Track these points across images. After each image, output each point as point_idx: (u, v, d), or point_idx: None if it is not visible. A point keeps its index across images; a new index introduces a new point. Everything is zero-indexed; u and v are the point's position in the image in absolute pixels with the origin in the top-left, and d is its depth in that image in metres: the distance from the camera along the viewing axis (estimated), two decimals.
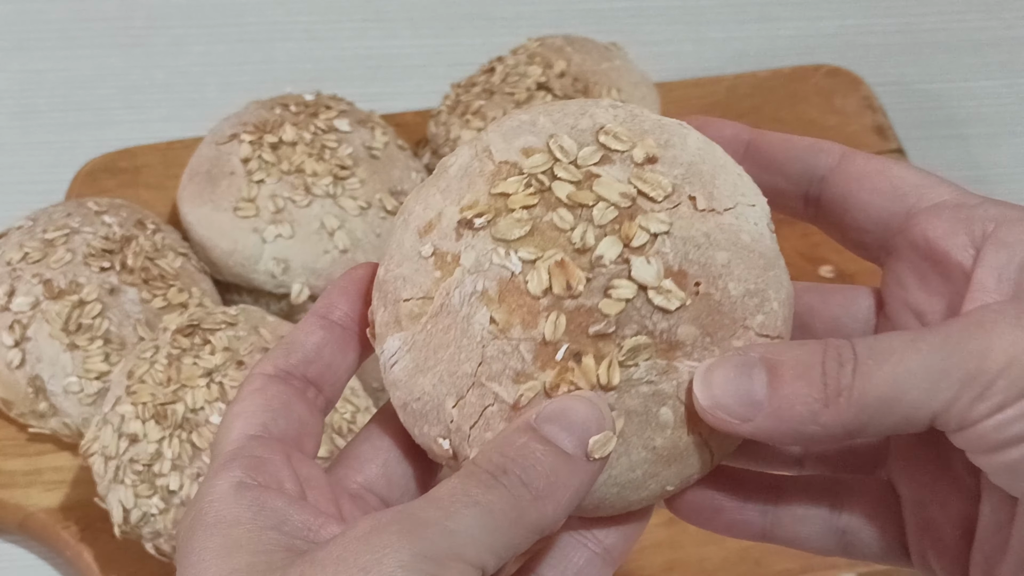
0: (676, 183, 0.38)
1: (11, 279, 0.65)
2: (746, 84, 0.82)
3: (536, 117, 0.40)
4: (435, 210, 0.39)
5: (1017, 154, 0.84)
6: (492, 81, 0.73)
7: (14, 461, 0.66)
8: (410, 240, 0.39)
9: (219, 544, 0.36)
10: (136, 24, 0.89)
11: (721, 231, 0.38)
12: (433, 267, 0.38)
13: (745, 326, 0.38)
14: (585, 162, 0.38)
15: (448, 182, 0.40)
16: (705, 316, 0.38)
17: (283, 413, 0.39)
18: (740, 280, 0.38)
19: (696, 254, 0.38)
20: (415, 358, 0.38)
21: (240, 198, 0.68)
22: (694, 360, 0.38)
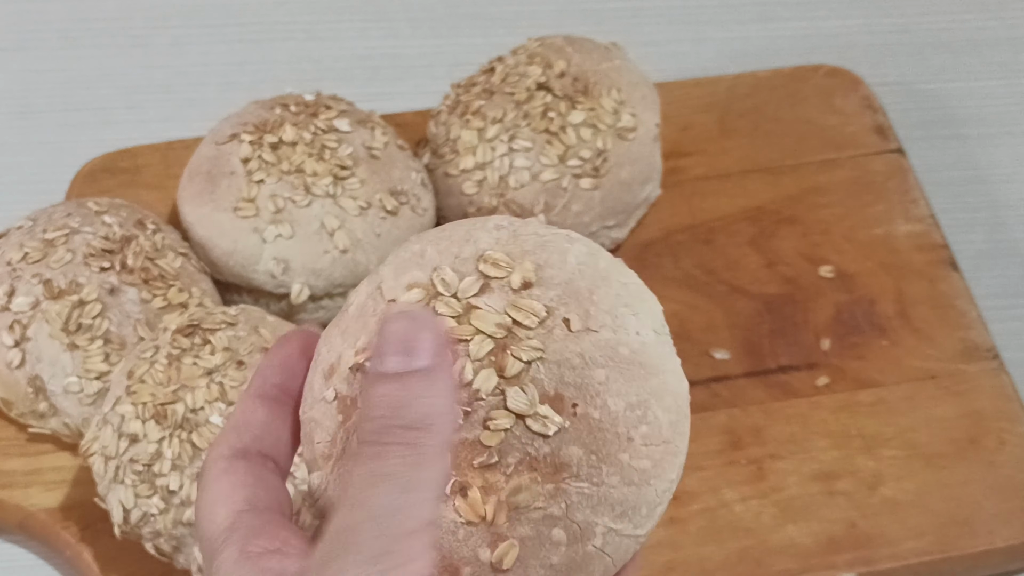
0: (551, 306, 0.39)
1: (11, 279, 0.65)
2: (746, 84, 0.82)
3: (425, 247, 0.41)
4: (336, 353, 0.40)
5: (1017, 154, 0.84)
6: (492, 81, 0.73)
7: (14, 461, 0.66)
8: (318, 383, 0.41)
9: None
10: (136, 24, 0.89)
11: (597, 348, 0.39)
12: (336, 411, 0.40)
13: (629, 438, 0.39)
14: (465, 294, 0.39)
15: (347, 323, 0.41)
16: (587, 436, 0.38)
17: (260, 486, 0.40)
18: (619, 395, 0.39)
19: (572, 376, 0.38)
20: (329, 499, 0.40)
21: (240, 198, 0.68)
22: (582, 481, 0.38)
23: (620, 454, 0.39)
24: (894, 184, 0.78)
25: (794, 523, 0.64)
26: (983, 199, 0.82)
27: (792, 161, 0.79)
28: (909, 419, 0.68)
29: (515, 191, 0.70)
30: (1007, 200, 0.82)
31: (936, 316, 0.72)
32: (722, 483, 0.65)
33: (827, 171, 0.78)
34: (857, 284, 0.73)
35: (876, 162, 0.79)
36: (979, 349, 0.71)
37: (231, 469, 0.40)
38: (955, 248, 0.76)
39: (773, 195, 0.77)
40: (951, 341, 0.71)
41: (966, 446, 0.67)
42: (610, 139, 0.71)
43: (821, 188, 0.78)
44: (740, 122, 0.81)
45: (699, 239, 0.75)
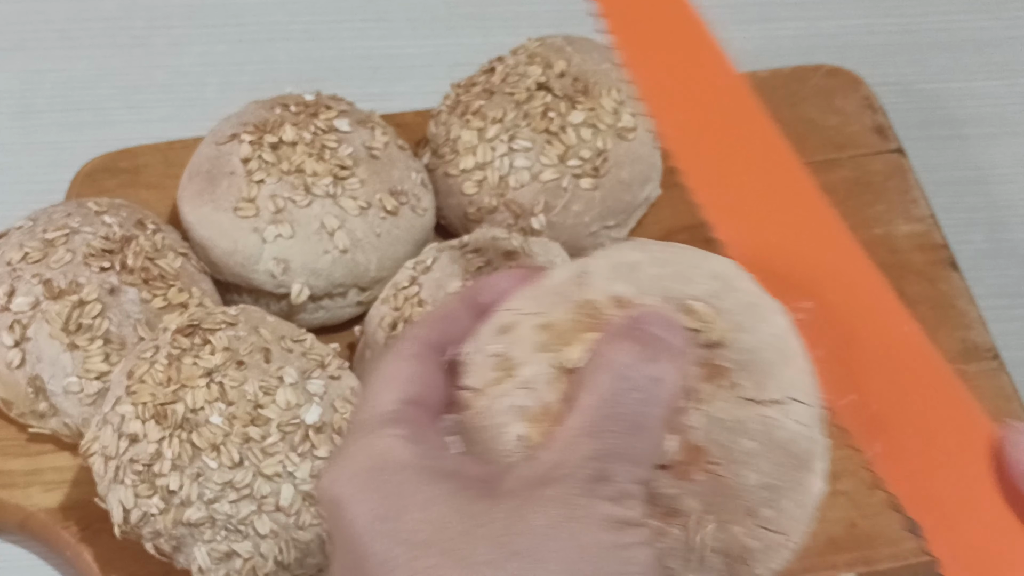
0: (730, 368, 0.39)
1: (11, 279, 0.65)
2: None
3: (643, 262, 0.41)
4: (518, 315, 0.41)
5: (1017, 154, 0.84)
6: (492, 81, 0.73)
7: (14, 461, 0.66)
8: (486, 335, 0.42)
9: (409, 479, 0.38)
10: (136, 24, 0.89)
11: (756, 421, 0.39)
12: (493, 367, 0.41)
13: (751, 515, 0.39)
14: None
15: (540, 293, 0.42)
16: (710, 495, 0.38)
17: (436, 387, 0.41)
18: (759, 472, 0.39)
19: (722, 436, 0.39)
20: (455, 442, 0.41)
21: (240, 198, 0.68)
22: (687, 531, 0.38)
23: (735, 525, 0.39)
24: (894, 184, 0.78)
25: None
26: (983, 199, 0.82)
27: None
28: None
29: (515, 191, 0.70)
30: (1007, 200, 0.82)
31: (936, 316, 0.72)
32: None
33: (827, 171, 0.78)
34: None
35: (876, 162, 0.79)
36: (979, 349, 0.71)
37: (422, 356, 0.41)
38: (955, 248, 0.76)
39: None
40: (951, 341, 0.71)
41: None
42: (610, 139, 0.71)
43: (821, 188, 0.77)
44: None
45: (699, 239, 0.75)
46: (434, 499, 0.37)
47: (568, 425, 0.38)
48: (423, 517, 0.37)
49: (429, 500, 0.37)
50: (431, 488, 0.38)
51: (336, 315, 0.71)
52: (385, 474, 0.38)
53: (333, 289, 0.69)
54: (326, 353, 0.63)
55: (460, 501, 0.37)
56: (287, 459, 0.58)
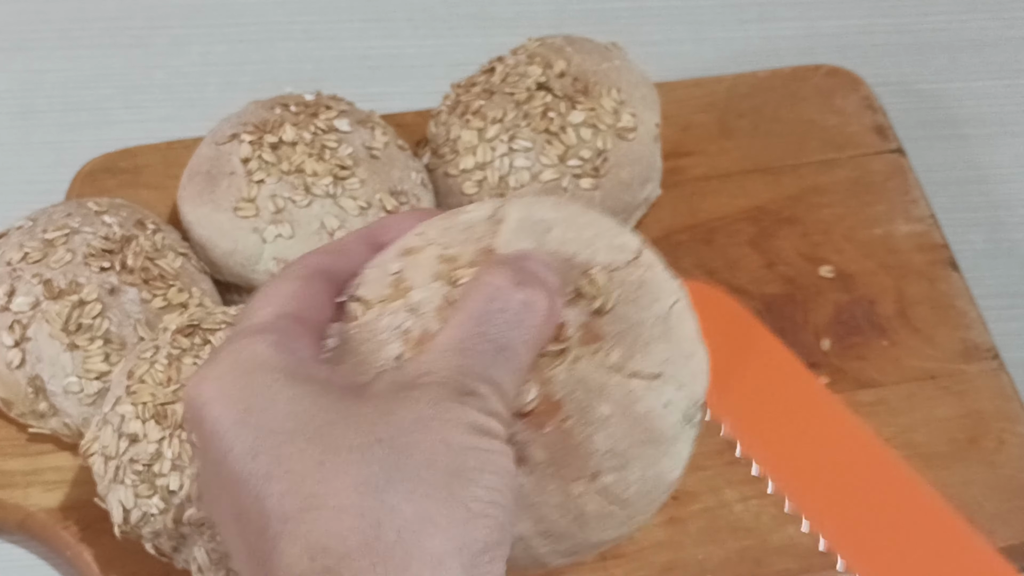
0: (607, 335, 0.40)
1: (11, 279, 0.65)
2: (746, 84, 0.82)
3: (553, 224, 0.42)
4: (424, 240, 0.42)
5: (1017, 154, 0.84)
6: (492, 81, 0.73)
7: (14, 461, 0.66)
8: (392, 252, 0.42)
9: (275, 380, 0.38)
10: (136, 24, 0.89)
11: (619, 389, 0.40)
12: (388, 285, 0.41)
13: (592, 477, 0.39)
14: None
15: (451, 224, 0.42)
16: (557, 449, 0.39)
17: (317, 308, 0.42)
18: (610, 438, 0.39)
19: (581, 395, 0.39)
20: (334, 353, 0.41)
21: (240, 198, 0.68)
22: (530, 478, 0.39)
23: (573, 484, 0.39)
24: (894, 184, 0.78)
25: (794, 523, 0.64)
26: (983, 199, 0.82)
27: (792, 161, 0.79)
28: (909, 419, 0.68)
29: (515, 191, 0.70)
30: (1007, 200, 0.82)
31: (936, 316, 0.72)
32: (722, 483, 0.65)
33: (827, 171, 0.78)
34: (857, 284, 0.73)
35: (876, 162, 0.79)
36: (979, 349, 0.71)
37: (309, 279, 0.42)
38: (955, 248, 0.76)
39: (773, 195, 0.77)
40: (951, 341, 0.71)
41: (966, 446, 0.67)
42: (610, 139, 0.71)
43: (821, 188, 0.77)
44: (740, 122, 0.81)
45: (699, 239, 0.75)
46: (301, 396, 0.38)
47: (439, 339, 0.39)
48: (289, 410, 0.37)
49: (296, 397, 0.38)
50: (298, 387, 0.38)
51: None
52: (251, 374, 0.39)
53: None
54: None
55: (327, 399, 0.38)
56: None
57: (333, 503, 0.36)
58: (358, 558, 0.35)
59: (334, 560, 0.35)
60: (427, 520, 0.36)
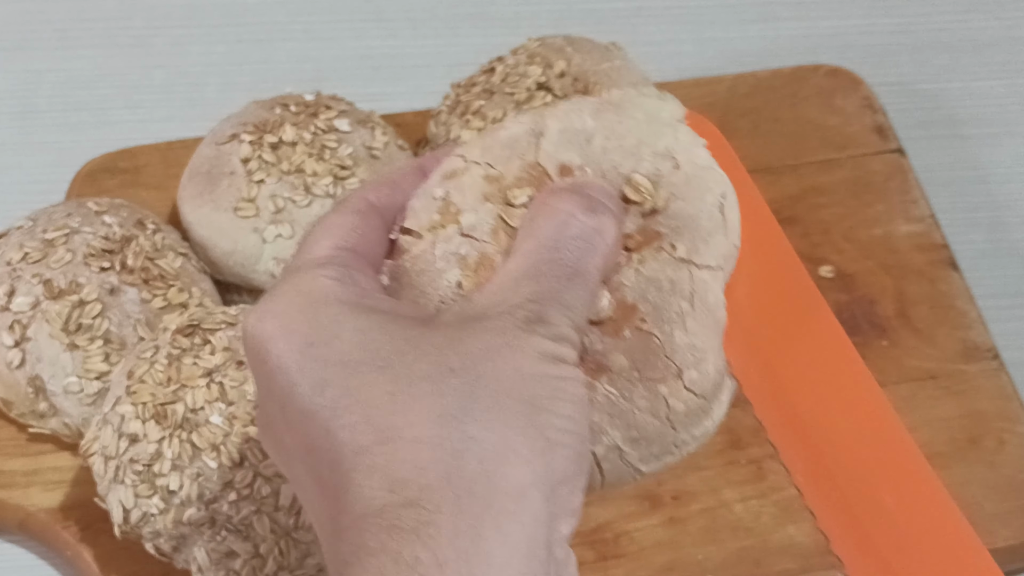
0: (666, 232, 0.40)
1: (11, 279, 0.65)
2: (746, 84, 0.82)
3: (595, 133, 0.41)
4: (468, 163, 0.42)
5: (1017, 154, 0.84)
6: (492, 81, 0.73)
7: (14, 461, 0.66)
8: (435, 179, 0.42)
9: (340, 312, 0.37)
10: (136, 24, 0.89)
11: (688, 282, 0.40)
12: (435, 210, 0.41)
13: (677, 375, 0.39)
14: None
15: (492, 144, 0.42)
16: (639, 352, 0.39)
17: (374, 242, 0.41)
18: (689, 332, 0.39)
19: (653, 294, 0.39)
20: (390, 287, 0.41)
21: (240, 198, 0.68)
22: (614, 388, 0.39)
23: (660, 384, 0.39)
24: (894, 184, 0.78)
25: (794, 523, 0.64)
26: (983, 199, 0.82)
27: (792, 161, 0.79)
28: (909, 419, 0.68)
29: None
30: (1007, 200, 0.82)
31: (936, 316, 0.72)
32: (722, 483, 0.65)
33: (827, 171, 0.78)
34: (857, 284, 0.73)
35: (876, 162, 0.79)
36: (979, 349, 0.71)
37: (365, 213, 0.41)
38: (955, 248, 0.76)
39: (773, 195, 0.77)
40: (951, 341, 0.71)
41: (966, 446, 0.67)
42: None
43: (821, 188, 0.77)
44: (740, 122, 0.81)
45: None
46: (367, 327, 0.37)
47: (507, 268, 0.39)
48: (356, 340, 0.37)
49: (361, 328, 0.37)
50: (363, 319, 0.37)
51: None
52: (314, 307, 0.38)
53: None
54: None
55: (395, 328, 0.37)
56: None
57: (409, 434, 0.35)
58: (440, 489, 0.34)
59: (415, 492, 0.34)
60: (508, 450, 0.35)
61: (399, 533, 0.34)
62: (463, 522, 0.34)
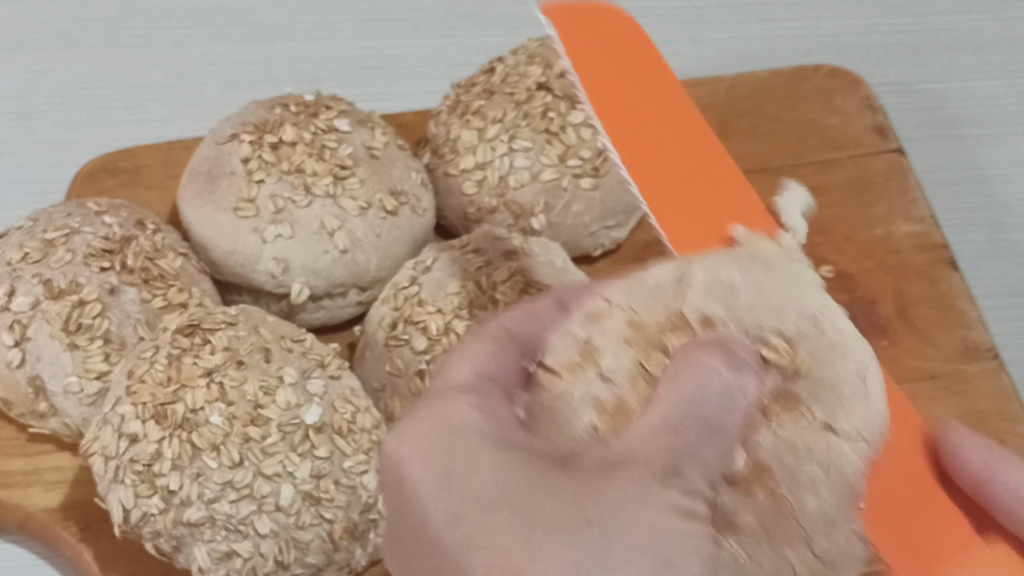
0: (805, 397, 0.40)
1: (11, 279, 0.65)
2: (746, 84, 0.82)
3: (740, 287, 0.41)
4: (611, 307, 0.42)
5: (1017, 154, 0.84)
6: (492, 81, 0.73)
7: (14, 461, 0.66)
8: (577, 319, 0.42)
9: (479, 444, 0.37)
10: (136, 24, 0.89)
11: (824, 450, 0.39)
12: (576, 352, 0.41)
13: (807, 542, 0.39)
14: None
15: (637, 289, 0.42)
16: (769, 515, 0.39)
17: (511, 372, 0.41)
18: (821, 500, 0.39)
19: (788, 458, 0.39)
20: (525, 422, 0.41)
21: (240, 198, 0.68)
22: (740, 547, 0.39)
23: (788, 549, 0.39)
24: (894, 184, 0.78)
25: None
26: (983, 199, 0.82)
27: (792, 161, 0.79)
28: None
29: (515, 191, 0.70)
30: (1007, 200, 0.82)
31: (936, 316, 0.72)
32: None
33: (827, 171, 0.78)
34: (857, 284, 0.73)
35: (876, 162, 0.79)
36: (979, 349, 0.71)
37: (502, 340, 0.42)
38: (955, 248, 0.76)
39: (773, 195, 0.77)
40: (951, 341, 0.71)
41: None
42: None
43: (821, 188, 0.77)
44: (740, 122, 0.81)
45: None
46: (505, 464, 0.37)
47: (648, 417, 0.39)
48: (494, 477, 0.37)
49: (499, 464, 0.37)
50: (502, 454, 0.37)
51: (336, 315, 0.71)
52: (454, 436, 0.38)
53: (333, 289, 0.69)
54: (326, 353, 0.63)
55: (532, 469, 0.37)
56: (287, 459, 0.58)
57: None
58: None
59: None
60: None
61: None
62: None
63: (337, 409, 0.60)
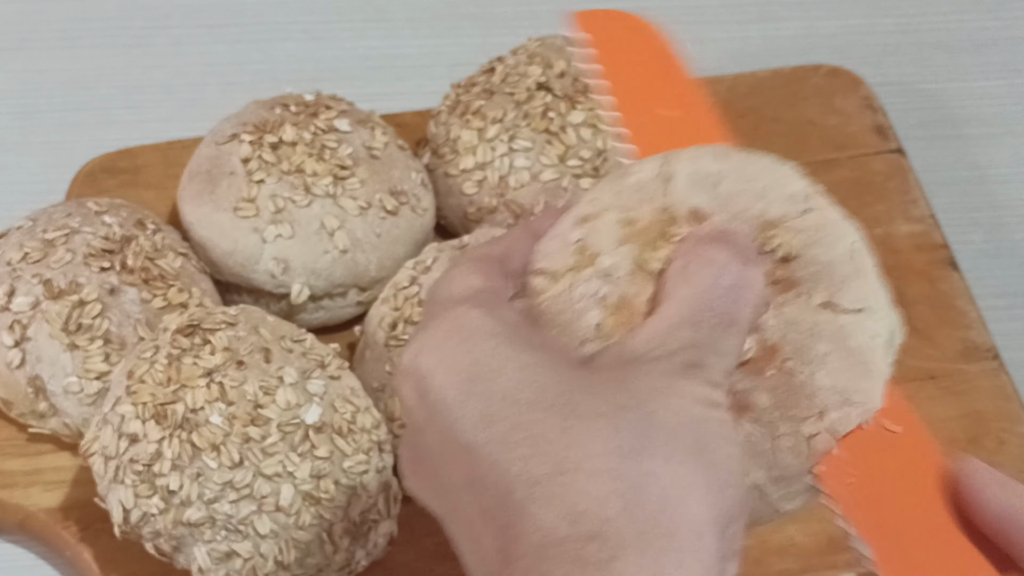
0: (806, 278, 0.41)
1: (11, 279, 0.65)
2: (746, 84, 0.82)
3: (723, 177, 0.42)
4: (600, 206, 0.42)
5: (1017, 154, 0.84)
6: (492, 81, 0.73)
7: (14, 461, 0.66)
8: (566, 224, 0.43)
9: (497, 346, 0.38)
10: (136, 24, 0.89)
11: (830, 326, 0.40)
12: (570, 254, 0.42)
13: (820, 415, 0.40)
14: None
15: (623, 188, 0.43)
16: (782, 391, 0.39)
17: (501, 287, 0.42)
18: (831, 374, 0.40)
19: (796, 337, 0.40)
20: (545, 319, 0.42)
21: (240, 198, 0.68)
22: (757, 426, 0.39)
23: (803, 424, 0.39)
24: (894, 184, 0.78)
25: (794, 523, 0.64)
26: (983, 199, 0.82)
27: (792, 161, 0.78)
28: None
29: (515, 191, 0.70)
30: (1007, 200, 0.82)
31: (936, 316, 0.72)
32: None
33: (827, 171, 0.78)
34: None
35: (876, 162, 0.79)
36: (979, 349, 0.71)
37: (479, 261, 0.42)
38: (955, 248, 0.76)
39: None
40: (951, 341, 0.71)
41: (966, 446, 0.67)
42: (610, 139, 0.71)
43: None
44: (740, 122, 0.80)
45: None
46: (528, 364, 0.37)
47: (663, 313, 0.39)
48: (520, 377, 0.37)
49: (523, 365, 0.37)
50: (524, 355, 0.37)
51: (336, 315, 0.71)
52: (472, 342, 0.38)
53: (333, 289, 0.69)
54: (326, 353, 0.63)
55: (558, 368, 0.37)
56: (287, 459, 0.58)
57: (588, 466, 0.35)
58: (622, 524, 0.34)
59: (596, 524, 0.34)
60: (687, 486, 0.35)
61: (585, 566, 0.34)
62: (648, 558, 0.34)
63: (337, 409, 0.60)
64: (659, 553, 0.34)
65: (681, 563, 0.34)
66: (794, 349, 0.40)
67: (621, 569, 0.34)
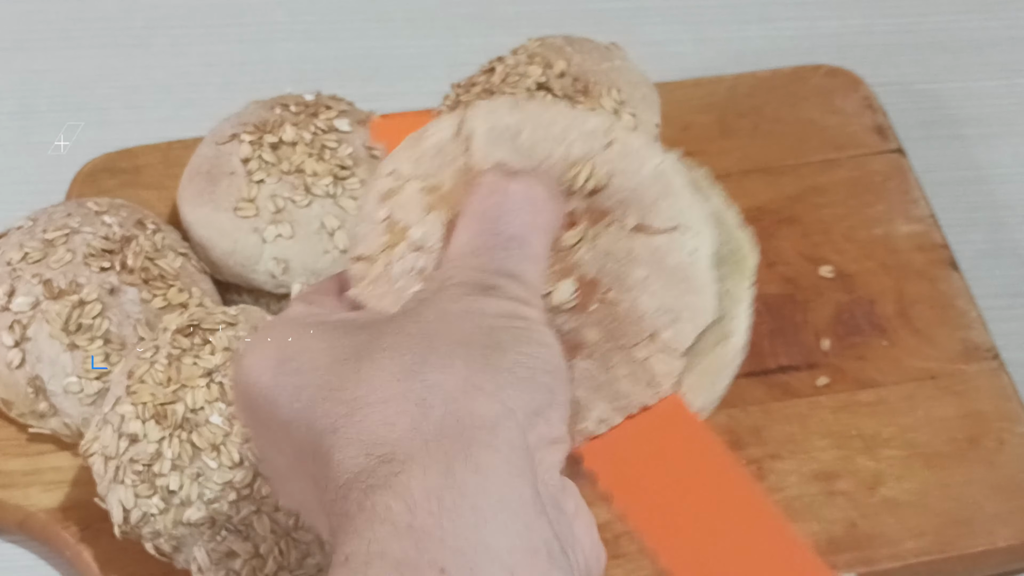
0: (613, 207, 0.41)
1: (11, 279, 0.65)
2: (746, 84, 0.82)
3: (522, 127, 0.42)
4: (401, 179, 0.42)
5: (1017, 154, 0.84)
6: (492, 81, 0.73)
7: (14, 461, 0.66)
8: (371, 203, 0.43)
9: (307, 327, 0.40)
10: (136, 24, 0.89)
11: (645, 249, 0.41)
12: (382, 232, 0.42)
13: (651, 337, 0.40)
14: None
15: (421, 155, 0.43)
16: (609, 322, 0.40)
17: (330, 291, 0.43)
18: (654, 295, 0.40)
19: (612, 266, 0.40)
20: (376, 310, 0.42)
21: (240, 198, 0.68)
22: (591, 361, 0.40)
23: (635, 349, 0.40)
24: (894, 184, 0.78)
25: (794, 523, 0.64)
26: (983, 199, 0.82)
27: (792, 161, 0.79)
28: (909, 419, 0.68)
29: None
30: (1007, 200, 0.82)
31: (936, 316, 0.72)
32: None
33: (827, 171, 0.78)
34: (857, 284, 0.73)
35: (876, 162, 0.79)
36: (979, 349, 0.71)
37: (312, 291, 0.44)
38: (955, 248, 0.76)
39: (773, 195, 0.77)
40: (951, 341, 0.71)
41: (966, 446, 0.67)
42: None
43: (821, 188, 0.77)
44: (740, 122, 0.81)
45: None
46: (334, 334, 0.39)
47: (450, 250, 0.40)
48: (323, 347, 0.38)
49: (329, 336, 0.39)
50: (331, 329, 0.39)
51: None
52: (285, 330, 0.39)
53: None
54: None
55: (359, 327, 0.39)
56: None
57: (374, 398, 0.36)
58: (410, 439, 0.35)
59: (388, 448, 0.35)
60: (471, 388, 0.36)
61: (373, 490, 0.34)
62: (432, 463, 0.34)
63: None
64: (445, 455, 0.35)
65: (469, 457, 0.35)
66: (613, 279, 0.40)
67: (405, 481, 0.34)
